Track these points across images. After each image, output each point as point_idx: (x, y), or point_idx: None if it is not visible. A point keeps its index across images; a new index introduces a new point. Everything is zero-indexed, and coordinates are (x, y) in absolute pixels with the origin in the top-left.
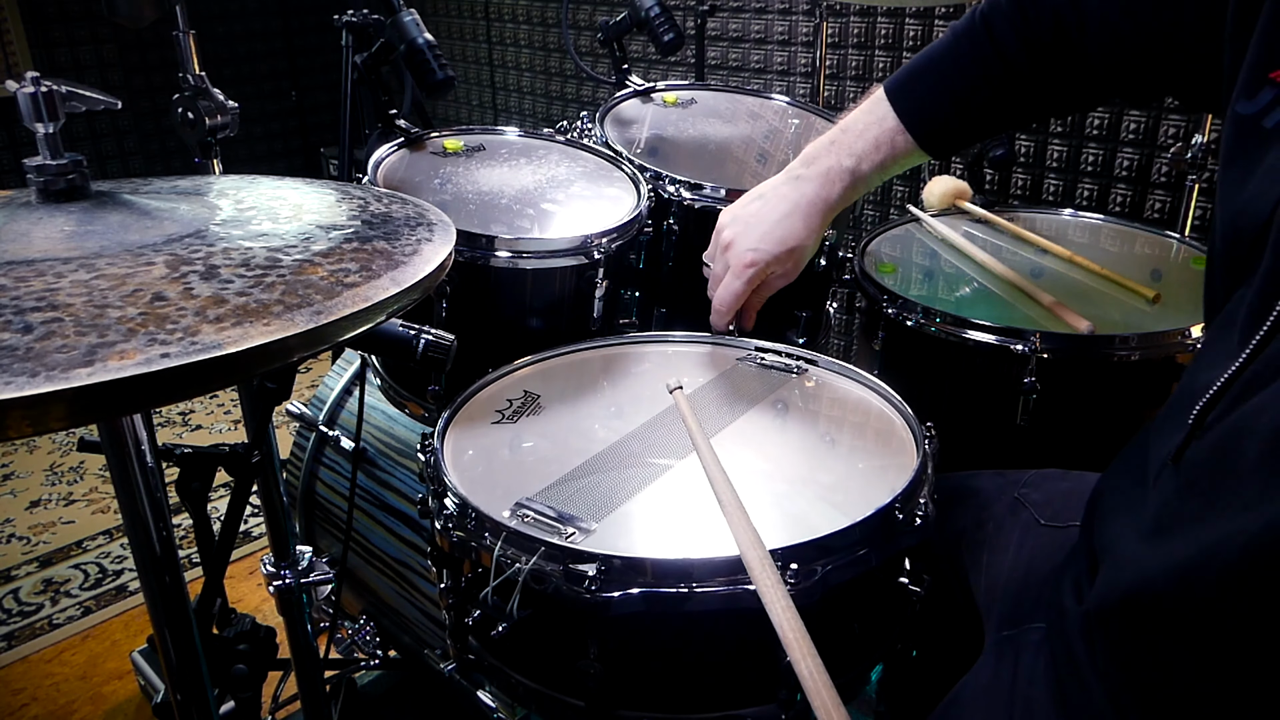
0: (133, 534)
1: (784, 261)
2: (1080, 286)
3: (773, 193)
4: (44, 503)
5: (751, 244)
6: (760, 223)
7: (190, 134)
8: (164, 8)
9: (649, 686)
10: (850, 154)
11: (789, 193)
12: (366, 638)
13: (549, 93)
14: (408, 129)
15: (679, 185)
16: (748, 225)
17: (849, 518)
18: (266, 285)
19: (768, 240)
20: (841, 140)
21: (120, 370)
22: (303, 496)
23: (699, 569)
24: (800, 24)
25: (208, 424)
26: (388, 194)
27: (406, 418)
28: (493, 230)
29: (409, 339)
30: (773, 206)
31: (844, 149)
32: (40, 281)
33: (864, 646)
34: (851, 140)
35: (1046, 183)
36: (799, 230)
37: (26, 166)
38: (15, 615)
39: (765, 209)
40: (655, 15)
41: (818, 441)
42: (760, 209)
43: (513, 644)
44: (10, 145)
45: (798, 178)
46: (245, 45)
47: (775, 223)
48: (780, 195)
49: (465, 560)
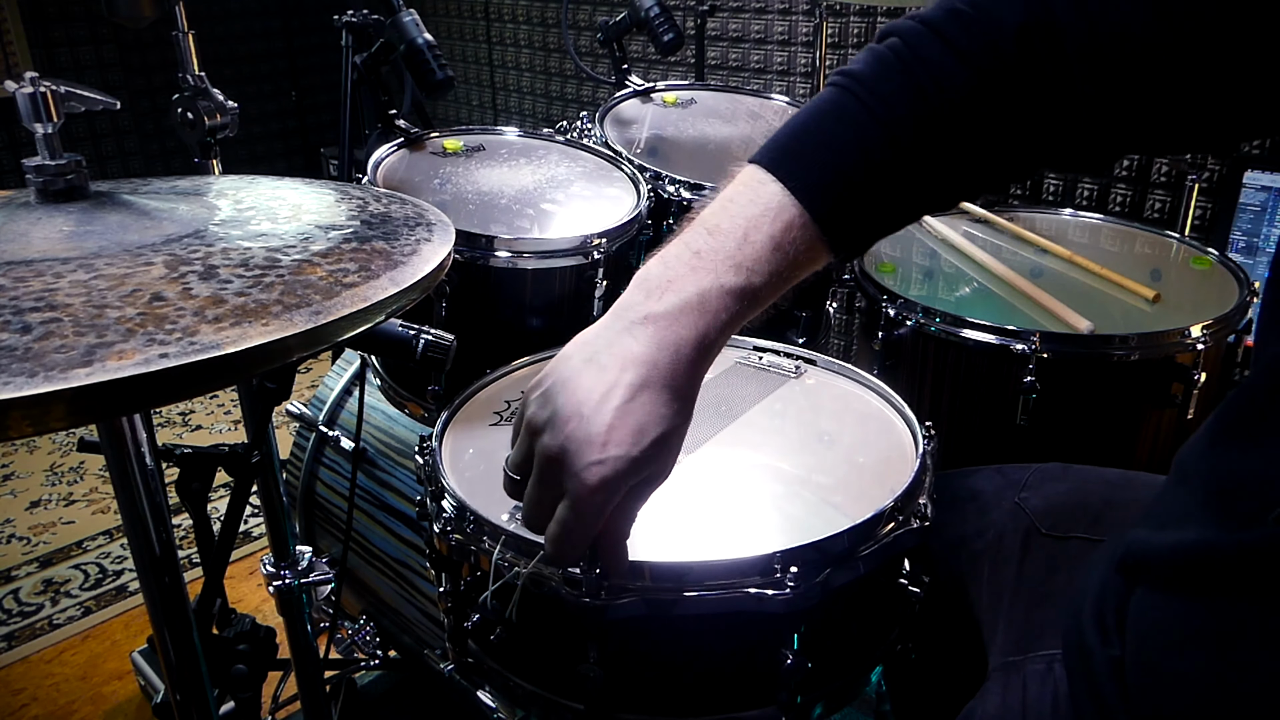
0: (133, 534)
1: (651, 461)
2: (1080, 286)
3: (608, 353)
4: (44, 503)
5: (594, 453)
6: (599, 410)
7: (190, 134)
8: (164, 8)
9: (649, 690)
10: (733, 265)
11: (638, 349)
12: (366, 638)
13: (549, 93)
14: (408, 129)
15: (679, 185)
16: (580, 418)
17: (849, 519)
18: (265, 285)
19: (618, 437)
20: (713, 247)
21: (119, 370)
22: (303, 496)
23: (698, 572)
24: (800, 24)
25: (208, 424)
26: (387, 194)
27: (406, 418)
28: (492, 230)
29: (409, 339)
30: (613, 378)
31: (721, 259)
32: (39, 282)
33: (864, 647)
34: (730, 245)
35: (1046, 183)
36: (663, 409)
37: (26, 166)
38: (15, 615)
39: (600, 383)
40: (655, 15)
41: (817, 442)
42: (594, 384)
43: (512, 648)
44: (10, 145)
45: (646, 319)
46: (245, 45)
47: (624, 407)
48: (623, 356)
49: (464, 564)
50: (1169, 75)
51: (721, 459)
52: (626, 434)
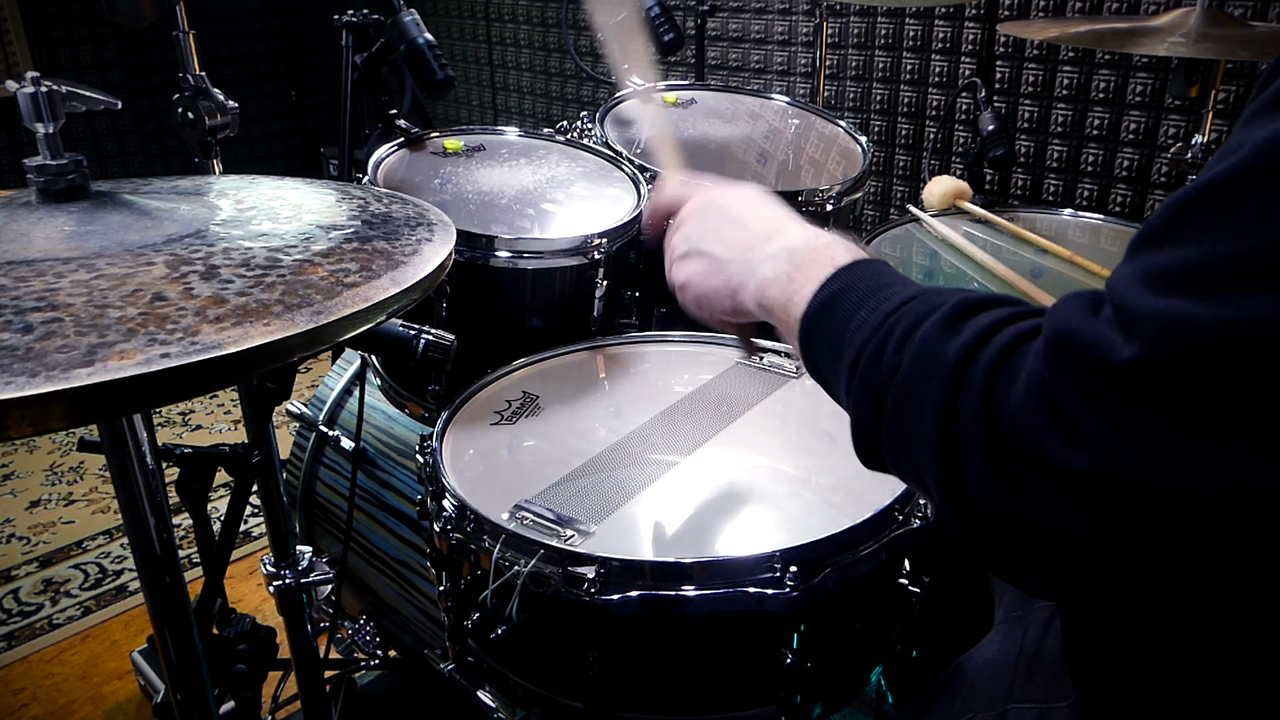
0: (133, 534)
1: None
2: (1080, 286)
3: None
4: (44, 503)
5: (695, 292)
6: (722, 275)
7: (190, 134)
8: (164, 8)
9: (648, 689)
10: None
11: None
12: (366, 638)
13: (549, 93)
14: (408, 129)
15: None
16: (706, 271)
17: (849, 519)
18: (266, 285)
19: (713, 303)
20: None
21: (120, 370)
22: (303, 496)
23: (698, 571)
24: (800, 24)
25: (208, 424)
26: (388, 194)
27: (406, 418)
28: (493, 230)
29: (409, 339)
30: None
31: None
32: (40, 281)
33: (864, 647)
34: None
35: (1046, 183)
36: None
37: (27, 166)
38: (15, 615)
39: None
40: (655, 15)
41: (817, 442)
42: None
43: (512, 646)
44: (10, 145)
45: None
46: (245, 45)
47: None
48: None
49: (464, 563)
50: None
51: (722, 459)
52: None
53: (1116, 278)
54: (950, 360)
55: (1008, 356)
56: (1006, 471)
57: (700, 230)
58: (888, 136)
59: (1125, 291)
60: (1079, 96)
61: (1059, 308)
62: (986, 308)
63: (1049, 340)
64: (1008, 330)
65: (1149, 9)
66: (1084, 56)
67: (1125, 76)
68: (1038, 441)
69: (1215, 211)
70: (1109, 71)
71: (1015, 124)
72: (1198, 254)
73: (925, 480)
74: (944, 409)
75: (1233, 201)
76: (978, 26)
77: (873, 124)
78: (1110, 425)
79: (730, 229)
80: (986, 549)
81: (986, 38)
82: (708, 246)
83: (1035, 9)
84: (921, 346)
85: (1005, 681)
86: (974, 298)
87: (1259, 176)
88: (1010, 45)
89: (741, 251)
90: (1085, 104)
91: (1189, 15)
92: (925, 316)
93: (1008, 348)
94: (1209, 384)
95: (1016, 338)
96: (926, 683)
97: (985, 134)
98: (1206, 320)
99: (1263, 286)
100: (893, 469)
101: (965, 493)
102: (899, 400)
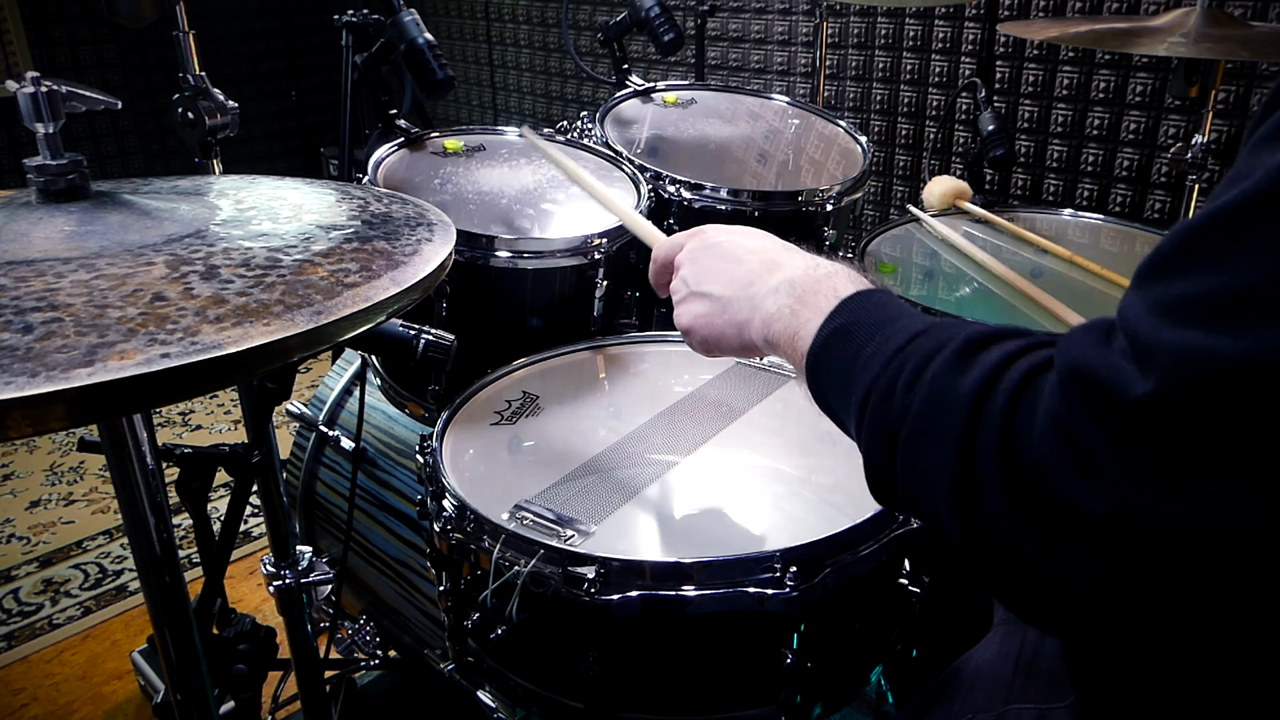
0: (133, 534)
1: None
2: (1080, 286)
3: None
4: (44, 503)
5: (702, 335)
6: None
7: (190, 134)
8: (164, 8)
9: (649, 689)
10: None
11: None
12: (366, 638)
13: (549, 93)
14: (408, 129)
15: (679, 185)
16: (710, 311)
17: (849, 519)
18: (267, 285)
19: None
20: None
21: (120, 370)
22: (303, 496)
23: (698, 571)
24: (800, 24)
25: (208, 424)
26: (388, 194)
27: (406, 418)
28: (493, 230)
29: (409, 339)
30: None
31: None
32: (40, 281)
33: (864, 647)
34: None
35: (1046, 183)
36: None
37: (26, 166)
38: (15, 615)
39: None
40: (655, 15)
41: (817, 442)
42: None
43: (512, 646)
44: (10, 145)
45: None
46: (245, 45)
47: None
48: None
49: (464, 563)
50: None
51: (722, 459)
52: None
53: (1128, 307)
54: (965, 398)
55: (1023, 392)
56: (1027, 509)
57: (697, 272)
58: (888, 136)
59: (1138, 322)
60: (1079, 96)
61: (1070, 339)
62: (997, 340)
63: (1063, 376)
64: (1020, 364)
65: (1149, 9)
66: (1084, 56)
67: (1125, 76)
68: (1058, 480)
69: (1229, 240)
70: (1109, 71)
71: (1015, 124)
72: (1213, 284)
73: (941, 518)
74: (961, 447)
75: (1246, 230)
76: (978, 26)
77: (873, 124)
78: (1130, 466)
79: (728, 266)
80: (1003, 587)
81: (986, 38)
82: (707, 287)
83: (1035, 9)
84: (933, 385)
85: (1004, 682)
86: (982, 331)
87: (1271, 205)
88: (1010, 45)
89: (742, 288)
90: (1085, 104)
91: (1189, 15)
92: (935, 353)
93: (1022, 382)
94: (1229, 420)
95: (1030, 371)
96: (926, 683)
97: (985, 134)
98: (1224, 352)
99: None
100: (908, 507)
101: (983, 531)
102: (912, 440)
